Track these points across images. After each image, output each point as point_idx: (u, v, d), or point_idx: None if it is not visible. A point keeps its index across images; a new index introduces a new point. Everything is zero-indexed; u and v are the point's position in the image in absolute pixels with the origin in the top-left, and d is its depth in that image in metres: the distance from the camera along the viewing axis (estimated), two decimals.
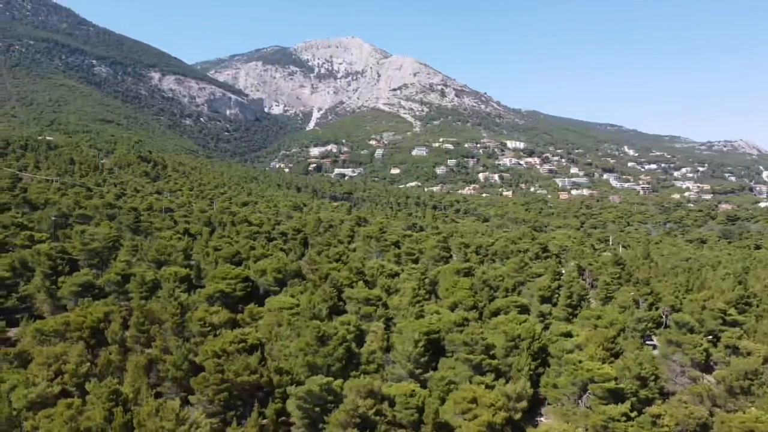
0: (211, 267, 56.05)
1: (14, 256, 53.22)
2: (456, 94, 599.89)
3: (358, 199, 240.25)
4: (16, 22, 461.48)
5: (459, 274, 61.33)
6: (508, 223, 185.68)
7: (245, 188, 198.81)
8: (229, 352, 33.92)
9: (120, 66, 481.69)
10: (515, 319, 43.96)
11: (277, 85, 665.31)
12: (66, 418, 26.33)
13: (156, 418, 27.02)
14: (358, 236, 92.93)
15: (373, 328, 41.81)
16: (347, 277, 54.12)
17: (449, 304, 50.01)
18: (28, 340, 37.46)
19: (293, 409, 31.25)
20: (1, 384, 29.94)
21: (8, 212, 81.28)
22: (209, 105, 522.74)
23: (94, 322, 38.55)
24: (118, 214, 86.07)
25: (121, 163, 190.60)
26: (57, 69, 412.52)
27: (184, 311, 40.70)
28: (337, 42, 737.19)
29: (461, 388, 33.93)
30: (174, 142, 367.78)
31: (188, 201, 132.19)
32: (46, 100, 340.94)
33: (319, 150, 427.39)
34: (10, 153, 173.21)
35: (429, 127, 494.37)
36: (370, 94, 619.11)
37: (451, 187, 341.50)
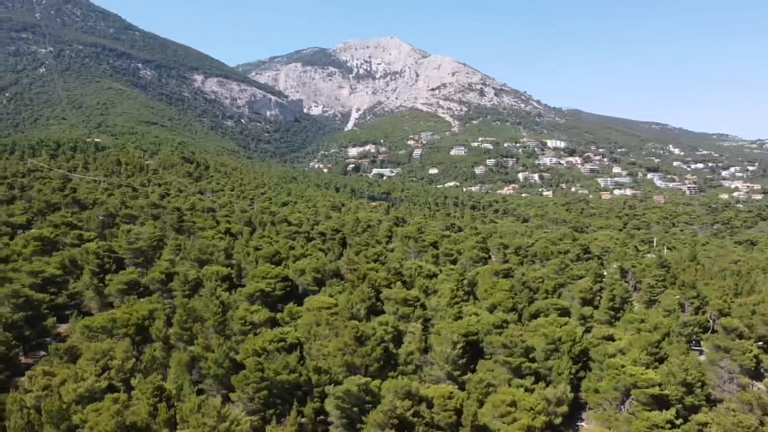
0: (251, 266, 56.88)
1: (64, 255, 55.17)
2: (495, 93, 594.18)
3: (396, 199, 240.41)
4: (67, 28, 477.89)
5: (498, 275, 60.72)
6: (549, 224, 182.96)
7: (285, 188, 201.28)
8: (269, 351, 34.38)
9: (164, 69, 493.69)
10: (556, 321, 43.29)
11: (316, 86, 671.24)
12: (113, 412, 27.10)
13: (198, 415, 27.59)
14: (396, 236, 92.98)
15: (411, 329, 41.75)
16: (385, 278, 54.20)
17: (488, 306, 49.57)
18: (77, 336, 38.74)
19: (331, 409, 31.46)
20: (52, 378, 31.06)
21: (59, 212, 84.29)
22: (250, 106, 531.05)
23: (140, 319, 39.60)
24: (162, 213, 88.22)
25: (165, 164, 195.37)
26: (104, 73, 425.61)
27: (225, 310, 41.43)
28: (376, 42, 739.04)
29: (500, 391, 33.60)
30: (216, 143, 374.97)
31: (230, 201, 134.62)
32: (95, 103, 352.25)
33: (358, 150, 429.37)
34: (61, 154, 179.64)
35: (468, 126, 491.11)
36: (408, 94, 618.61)
37: (490, 187, 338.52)
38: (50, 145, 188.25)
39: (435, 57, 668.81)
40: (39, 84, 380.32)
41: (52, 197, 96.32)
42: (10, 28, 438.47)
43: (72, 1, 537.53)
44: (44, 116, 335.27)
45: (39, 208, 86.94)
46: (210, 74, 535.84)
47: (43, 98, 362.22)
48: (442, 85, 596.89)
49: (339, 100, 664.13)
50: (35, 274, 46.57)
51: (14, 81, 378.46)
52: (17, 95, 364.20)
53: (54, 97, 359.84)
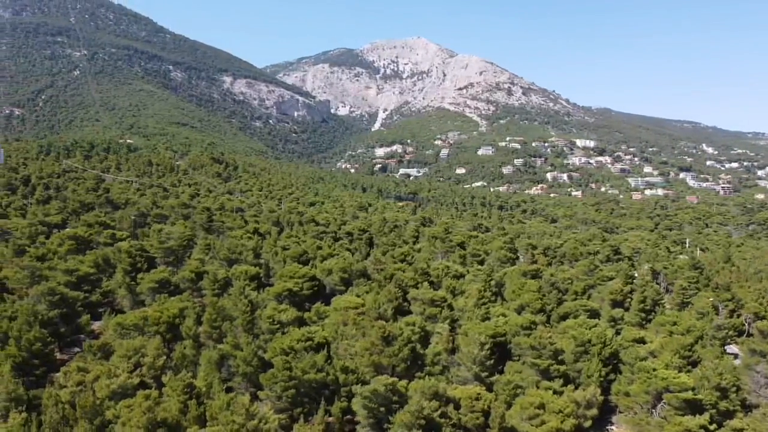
0: (279, 266, 57.37)
1: (98, 254, 56.40)
2: (523, 92, 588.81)
3: (423, 199, 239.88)
4: (100, 32, 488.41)
5: (526, 276, 60.18)
6: (578, 224, 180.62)
7: (312, 189, 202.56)
8: (297, 350, 34.63)
9: (194, 71, 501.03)
10: (585, 323, 42.72)
11: (343, 86, 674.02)
12: (144, 408, 27.60)
13: (227, 412, 27.94)
14: (423, 237, 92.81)
15: (438, 330, 41.64)
16: (412, 278, 54.16)
17: (516, 307, 49.18)
18: (110, 333, 39.58)
19: (358, 408, 31.55)
20: (86, 374, 31.78)
21: (93, 212, 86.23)
22: (278, 107, 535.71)
23: (170, 317, 40.27)
24: (192, 213, 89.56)
25: (195, 165, 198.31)
26: (136, 75, 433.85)
27: (254, 309, 41.86)
28: (403, 42, 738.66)
29: (528, 393, 33.29)
30: (244, 143, 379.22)
31: (258, 201, 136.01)
32: (127, 104, 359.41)
33: (384, 150, 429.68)
34: (95, 155, 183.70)
35: (495, 126, 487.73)
36: (435, 93, 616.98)
37: (517, 187, 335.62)
38: (84, 147, 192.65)
39: (462, 56, 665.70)
40: (73, 86, 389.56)
41: (86, 197, 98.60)
42: (46, 32, 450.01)
43: (105, 5, 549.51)
44: (78, 118, 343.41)
45: (73, 208, 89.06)
46: (239, 76, 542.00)
47: (78, 100, 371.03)
48: (469, 84, 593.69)
49: (366, 100, 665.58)
50: (70, 272, 47.72)
51: (50, 84, 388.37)
52: (53, 98, 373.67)
53: (88, 99, 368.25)
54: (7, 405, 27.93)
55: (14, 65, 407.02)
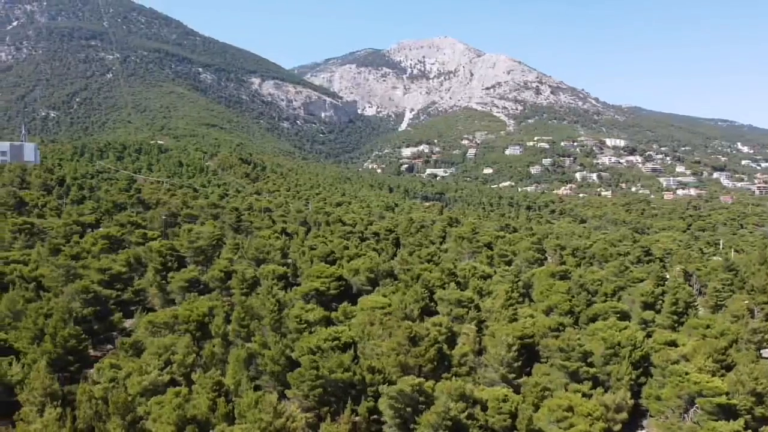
0: (306, 265, 57.76)
1: (130, 253, 57.54)
2: (552, 91, 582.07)
3: (450, 199, 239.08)
4: (132, 35, 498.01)
5: (554, 277, 59.55)
6: (607, 225, 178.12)
7: (339, 189, 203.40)
8: (324, 349, 34.84)
9: (223, 72, 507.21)
10: (615, 325, 42.11)
11: (370, 87, 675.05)
12: (174, 405, 28.08)
13: (255, 410, 28.24)
14: (450, 237, 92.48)
15: (465, 331, 41.47)
16: (439, 278, 54.04)
17: (544, 308, 48.73)
18: (142, 331, 40.35)
19: (385, 408, 31.61)
20: (118, 371, 32.46)
21: (125, 212, 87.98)
22: (305, 108, 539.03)
23: (200, 316, 40.87)
24: (221, 213, 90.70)
25: (224, 165, 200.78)
26: (167, 77, 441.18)
27: (281, 308, 42.24)
28: (430, 42, 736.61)
29: (556, 396, 32.95)
30: (272, 144, 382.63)
31: (285, 201, 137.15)
32: (158, 106, 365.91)
33: (411, 150, 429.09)
34: (127, 156, 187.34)
35: (523, 125, 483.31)
36: (462, 93, 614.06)
37: (546, 186, 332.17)
38: (117, 148, 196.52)
39: (490, 55, 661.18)
40: (107, 89, 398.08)
41: (119, 197, 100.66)
42: (81, 36, 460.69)
43: (137, 9, 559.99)
44: (111, 120, 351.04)
45: (106, 208, 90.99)
46: (267, 77, 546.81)
47: (110, 102, 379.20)
48: (497, 83, 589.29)
49: (393, 100, 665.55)
50: (103, 271, 48.75)
51: (84, 86, 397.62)
52: (87, 100, 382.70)
53: (120, 102, 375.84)
54: (43, 400, 28.64)
55: (50, 69, 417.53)
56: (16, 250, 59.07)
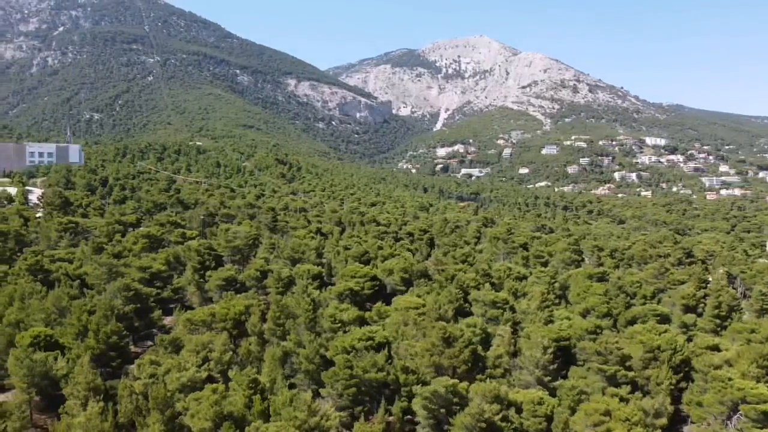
0: (341, 265, 58.11)
1: (169, 252, 58.82)
2: (589, 89, 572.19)
3: (485, 199, 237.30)
4: (172, 38, 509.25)
5: (592, 278, 58.54)
6: (647, 226, 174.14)
7: (373, 189, 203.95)
8: (358, 349, 35.02)
9: (260, 74, 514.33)
10: (654, 328, 41.15)
11: (404, 87, 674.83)
12: (211, 402, 28.61)
13: (290, 408, 28.56)
14: (485, 237, 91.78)
15: (500, 332, 41.12)
16: (473, 279, 53.70)
17: (581, 310, 47.96)
18: (180, 328, 41.21)
19: (419, 409, 31.59)
20: (158, 367, 33.23)
21: (164, 211, 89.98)
22: (340, 108, 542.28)
23: (236, 314, 41.52)
24: (258, 213, 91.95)
25: (261, 166, 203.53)
26: (205, 79, 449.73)
27: (316, 307, 42.61)
28: (465, 41, 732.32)
29: (593, 400, 32.36)
30: (308, 144, 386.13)
31: (320, 201, 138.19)
32: (196, 108, 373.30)
33: (446, 150, 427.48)
34: (167, 157, 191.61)
35: (560, 124, 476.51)
36: (498, 92, 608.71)
37: (583, 186, 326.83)
38: (157, 149, 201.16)
39: (526, 54, 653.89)
40: (147, 92, 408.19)
41: (159, 197, 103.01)
42: (123, 40, 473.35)
43: (177, 13, 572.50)
44: (152, 121, 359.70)
45: (147, 207, 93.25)
46: (303, 78, 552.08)
47: (151, 105, 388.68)
48: (533, 82, 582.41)
49: (428, 100, 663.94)
50: (143, 269, 49.97)
51: (126, 89, 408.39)
52: (128, 102, 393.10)
53: (160, 104, 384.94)
54: (86, 394, 29.53)
55: (94, 72, 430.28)
56: (62, 249, 61.10)
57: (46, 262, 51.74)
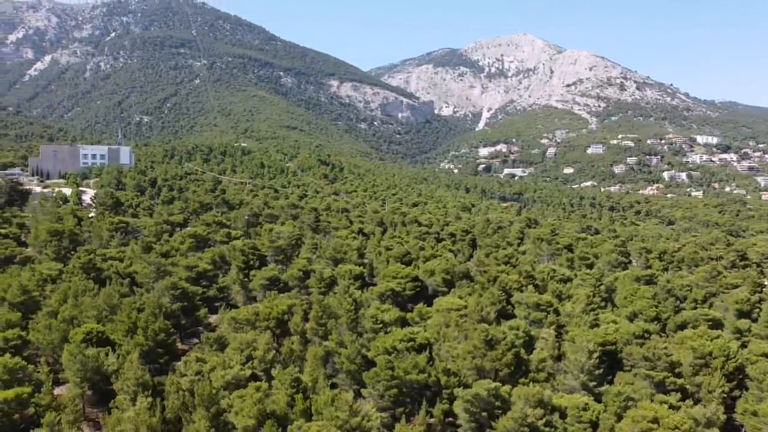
0: (382, 266, 58.22)
1: (215, 251, 60.11)
2: (637, 87, 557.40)
3: (528, 199, 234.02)
4: (218, 42, 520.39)
5: (639, 281, 57.09)
6: (698, 227, 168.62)
7: (415, 189, 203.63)
8: (399, 350, 34.98)
9: (303, 76, 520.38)
10: (706, 334, 39.79)
11: (447, 86, 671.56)
12: (255, 400, 29.06)
13: (331, 408, 28.77)
14: (528, 238, 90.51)
15: (544, 335, 40.45)
16: (516, 281, 53.02)
17: (628, 314, 46.77)
18: (225, 326, 42.06)
19: (460, 411, 31.35)
20: (203, 364, 33.96)
21: (210, 212, 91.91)
22: (382, 109, 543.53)
23: (279, 313, 42.10)
24: (301, 213, 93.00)
25: (304, 166, 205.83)
26: (250, 82, 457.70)
27: (357, 308, 42.80)
28: (508, 40, 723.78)
29: (641, 406, 31.47)
30: (350, 145, 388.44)
31: (362, 202, 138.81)
32: (241, 110, 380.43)
33: (488, 150, 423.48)
34: (213, 158, 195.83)
35: (606, 123, 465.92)
36: (542, 91, 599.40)
37: (630, 187, 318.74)
38: (203, 150, 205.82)
39: (570, 52, 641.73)
40: (194, 94, 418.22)
41: (205, 198, 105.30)
42: (171, 44, 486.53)
43: (223, 17, 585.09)
44: (199, 123, 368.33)
45: (194, 208, 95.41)
46: (345, 79, 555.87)
47: (198, 107, 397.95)
48: (578, 80, 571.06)
49: (470, 100, 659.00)
50: (190, 268, 51.19)
51: (174, 92, 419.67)
52: (176, 105, 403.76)
53: (207, 106, 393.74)
54: (135, 389, 30.44)
55: (144, 76, 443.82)
56: (113, 248, 63.20)
57: (98, 260, 53.58)
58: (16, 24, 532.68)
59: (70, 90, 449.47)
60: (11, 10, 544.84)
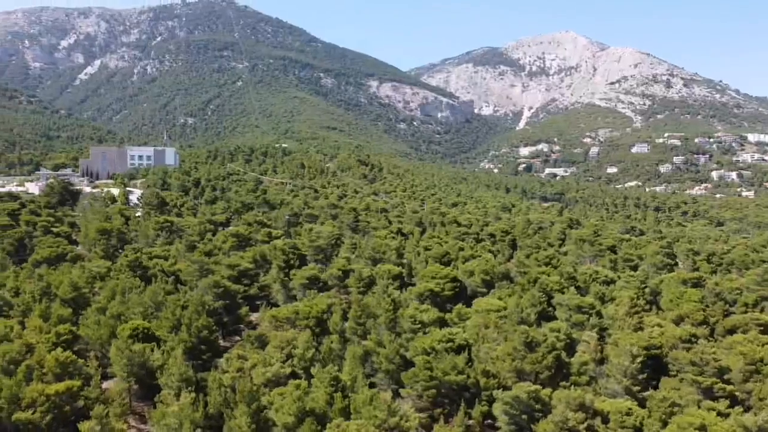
0: (421, 266, 58.14)
1: (256, 250, 61.08)
2: (684, 83, 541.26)
3: (570, 200, 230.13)
4: (260, 44, 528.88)
5: (686, 284, 55.46)
6: (749, 228, 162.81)
7: (454, 189, 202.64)
8: (438, 351, 34.86)
9: (343, 77, 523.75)
10: (757, 339, 38.35)
11: (487, 85, 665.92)
12: (295, 397, 29.39)
13: (370, 407, 28.87)
14: (570, 239, 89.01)
15: (585, 338, 39.72)
16: (557, 282, 52.20)
17: (674, 317, 45.46)
18: (266, 324, 42.67)
19: (499, 414, 31.07)
20: (244, 362, 34.54)
21: (252, 211, 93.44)
22: (421, 109, 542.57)
23: (319, 312, 42.48)
24: (340, 213, 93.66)
25: (343, 167, 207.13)
26: (291, 83, 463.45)
27: (396, 307, 42.84)
28: (550, 37, 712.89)
29: (687, 413, 30.57)
30: (389, 145, 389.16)
31: (401, 202, 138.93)
32: (282, 111, 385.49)
33: (529, 150, 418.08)
34: (254, 159, 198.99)
35: (651, 121, 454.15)
36: (584, 89, 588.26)
37: (677, 186, 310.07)
38: (245, 151, 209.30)
39: (614, 49, 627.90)
40: (237, 96, 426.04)
41: (247, 198, 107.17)
42: (214, 47, 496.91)
43: (264, 20, 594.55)
44: (241, 125, 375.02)
45: (236, 208, 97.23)
46: (384, 80, 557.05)
47: (240, 109, 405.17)
48: (622, 78, 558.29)
49: (510, 99, 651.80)
50: (232, 267, 52.11)
51: (217, 94, 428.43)
52: (219, 107, 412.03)
53: (249, 108, 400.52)
54: (180, 385, 31.18)
55: (188, 79, 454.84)
56: (158, 246, 64.91)
57: (144, 258, 55.09)
58: (68, 30, 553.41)
59: (119, 93, 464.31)
60: (63, 17, 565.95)
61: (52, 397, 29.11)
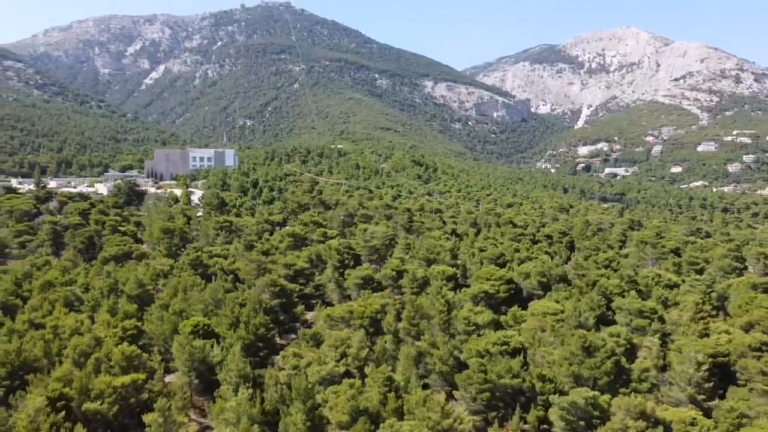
0: (476, 267, 57.62)
1: (311, 250, 62.03)
2: (755, 78, 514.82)
3: (631, 200, 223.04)
4: (316, 47, 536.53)
5: (757, 289, 52.68)
6: None
7: (510, 189, 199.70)
8: (492, 353, 34.50)
9: (398, 77, 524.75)
10: None
11: (544, 84, 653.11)
12: (348, 396, 29.71)
13: (423, 408, 28.85)
14: (631, 241, 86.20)
15: (647, 344, 38.43)
16: (617, 285, 50.69)
17: (743, 324, 43.35)
18: (321, 323, 43.28)
19: (555, 419, 30.43)
20: (300, 359, 35.15)
21: (308, 212, 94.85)
22: (477, 108, 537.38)
23: (373, 312, 42.76)
24: (394, 214, 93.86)
25: (397, 167, 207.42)
26: (346, 85, 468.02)
27: (450, 309, 42.63)
28: (610, 34, 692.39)
29: (757, 424, 29.17)
30: (444, 145, 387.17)
31: (456, 202, 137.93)
32: (338, 112, 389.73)
33: (588, 149, 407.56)
34: (310, 160, 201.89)
35: (719, 119, 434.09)
36: (647, 86, 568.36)
37: (747, 186, 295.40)
38: (302, 152, 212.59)
39: (679, 44, 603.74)
40: (293, 98, 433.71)
41: (303, 198, 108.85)
42: (272, 51, 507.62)
43: (320, 23, 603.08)
44: (297, 126, 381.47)
45: (292, 208, 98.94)
46: (439, 80, 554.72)
47: (297, 111, 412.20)
48: (687, 73, 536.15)
49: (568, 97, 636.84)
50: (288, 266, 53.11)
51: (274, 97, 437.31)
52: (276, 109, 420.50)
53: (305, 109, 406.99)
54: (238, 381, 32.01)
55: (247, 82, 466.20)
56: (218, 245, 66.79)
57: (205, 257, 56.84)
58: (134, 37, 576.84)
59: (181, 97, 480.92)
60: (130, 24, 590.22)
61: (119, 389, 30.43)
